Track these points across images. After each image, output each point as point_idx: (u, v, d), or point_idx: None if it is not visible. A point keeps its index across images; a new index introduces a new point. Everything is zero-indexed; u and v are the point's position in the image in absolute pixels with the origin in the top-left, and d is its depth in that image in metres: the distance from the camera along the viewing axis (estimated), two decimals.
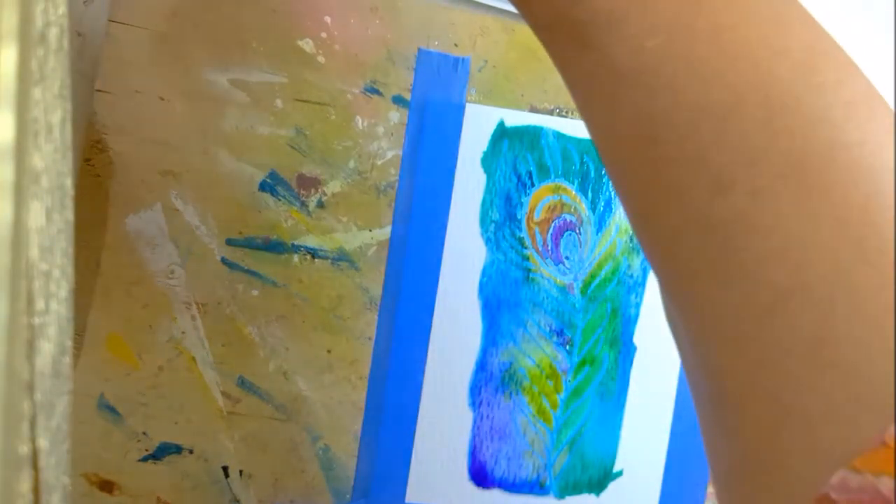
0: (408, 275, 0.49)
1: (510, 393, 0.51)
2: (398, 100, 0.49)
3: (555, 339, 0.51)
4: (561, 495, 0.51)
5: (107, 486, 0.47)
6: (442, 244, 0.50)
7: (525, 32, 0.51)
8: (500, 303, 0.50)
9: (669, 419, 0.52)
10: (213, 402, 0.48)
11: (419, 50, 0.50)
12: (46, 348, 0.29)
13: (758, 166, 0.27)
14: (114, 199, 0.47)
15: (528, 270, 0.51)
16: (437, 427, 0.50)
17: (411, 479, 0.50)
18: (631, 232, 0.52)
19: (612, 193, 0.52)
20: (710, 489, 0.53)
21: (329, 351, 0.49)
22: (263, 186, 0.48)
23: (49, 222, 0.29)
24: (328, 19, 0.49)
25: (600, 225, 0.51)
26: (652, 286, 0.52)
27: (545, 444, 0.51)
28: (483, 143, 0.50)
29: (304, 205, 0.48)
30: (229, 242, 0.48)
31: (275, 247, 0.48)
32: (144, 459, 0.47)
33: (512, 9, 0.51)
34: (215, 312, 0.48)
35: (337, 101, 0.49)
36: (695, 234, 0.28)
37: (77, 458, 0.47)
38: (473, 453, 0.50)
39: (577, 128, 0.51)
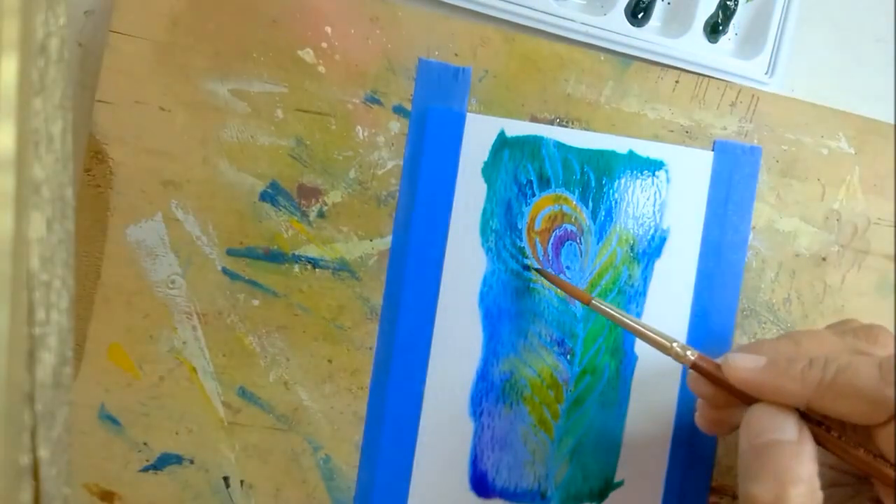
0: (408, 284, 0.49)
1: (511, 403, 0.51)
2: (399, 110, 0.50)
3: (556, 348, 0.51)
4: None
5: (108, 497, 0.47)
6: (442, 254, 0.50)
7: (526, 42, 0.51)
8: (501, 313, 0.50)
9: (670, 429, 0.52)
10: (214, 412, 0.48)
11: (420, 60, 0.50)
12: (47, 358, 0.29)
13: None
14: (114, 210, 0.47)
15: (529, 280, 0.51)
16: (438, 437, 0.50)
17: (412, 489, 0.50)
18: (631, 241, 0.52)
19: (613, 203, 0.52)
20: (711, 499, 0.53)
21: (330, 361, 0.49)
22: (264, 196, 0.48)
23: (49, 233, 0.29)
24: (329, 29, 0.49)
25: (601, 235, 0.51)
26: (652, 295, 0.52)
27: (546, 454, 0.51)
28: (484, 152, 0.50)
29: (304, 215, 0.49)
30: (230, 252, 0.48)
31: (275, 257, 0.48)
32: (145, 470, 0.47)
33: (512, 18, 0.51)
34: (216, 322, 0.48)
35: (337, 110, 0.49)
36: None
37: (78, 469, 0.47)
38: (474, 463, 0.50)
39: (577, 138, 0.51)
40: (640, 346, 0.52)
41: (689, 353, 0.43)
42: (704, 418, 0.45)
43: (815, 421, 0.40)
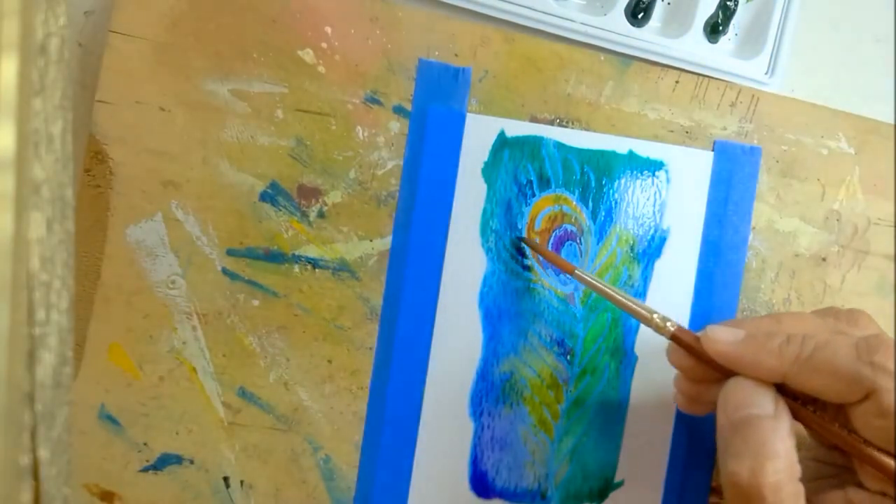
0: (408, 285, 0.49)
1: (511, 403, 0.51)
2: (399, 110, 0.50)
3: (555, 349, 0.51)
4: None
5: (108, 497, 0.47)
6: (442, 254, 0.50)
7: (526, 42, 0.51)
8: (501, 313, 0.50)
9: (670, 429, 0.52)
10: (214, 412, 0.48)
11: (420, 60, 0.50)
12: (47, 359, 0.29)
13: None
14: (114, 210, 0.47)
15: (529, 281, 0.51)
16: (438, 437, 0.50)
17: (412, 489, 0.50)
18: (631, 242, 0.52)
19: (613, 203, 0.52)
20: (711, 499, 0.53)
21: (330, 361, 0.49)
22: (264, 197, 0.48)
23: (49, 233, 0.29)
24: (328, 29, 0.49)
25: (600, 235, 0.51)
26: (652, 295, 0.52)
27: (546, 454, 0.51)
28: (484, 153, 0.50)
29: (304, 215, 0.49)
30: (230, 253, 0.48)
31: (275, 257, 0.48)
32: (145, 470, 0.47)
33: (512, 18, 0.51)
34: (216, 323, 0.48)
35: (337, 111, 0.49)
36: None
37: (78, 469, 0.47)
38: (474, 463, 0.50)
39: (577, 138, 0.51)
40: (641, 347, 0.52)
41: (668, 324, 0.44)
42: (682, 393, 0.46)
43: (792, 396, 0.40)
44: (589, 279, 0.47)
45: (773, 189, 0.54)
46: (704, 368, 0.43)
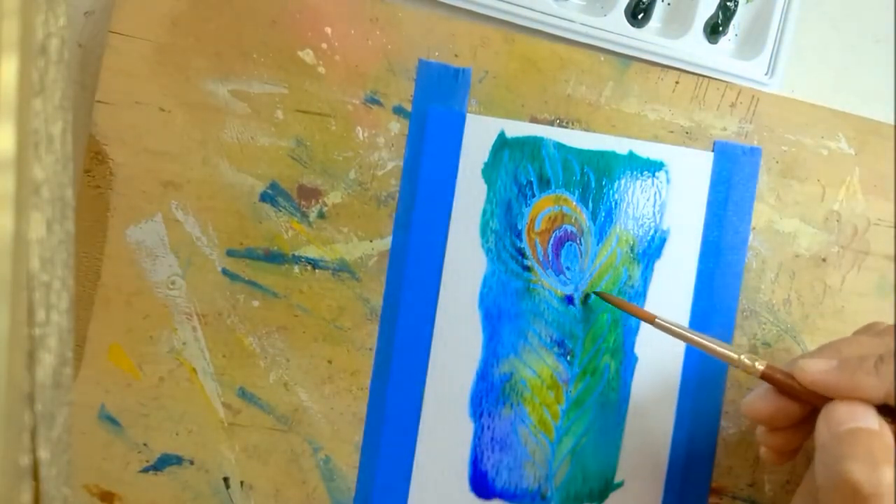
0: (408, 285, 0.49)
1: (511, 404, 0.51)
2: (399, 110, 0.50)
3: (556, 349, 0.51)
4: None
5: (108, 498, 0.47)
6: (442, 255, 0.50)
7: (526, 43, 0.51)
8: (501, 313, 0.50)
9: (670, 429, 0.52)
10: (214, 413, 0.48)
11: (420, 61, 0.50)
12: (47, 359, 0.29)
13: None
14: (114, 210, 0.47)
15: (529, 281, 0.51)
16: (438, 437, 0.50)
17: (412, 490, 0.50)
18: (631, 242, 0.52)
19: (613, 203, 0.52)
20: (711, 499, 0.53)
21: (330, 361, 0.49)
22: (264, 197, 0.48)
23: (49, 233, 0.29)
24: (329, 30, 0.49)
25: (600, 235, 0.51)
26: (652, 296, 0.52)
27: (546, 454, 0.51)
28: (484, 153, 0.50)
29: (304, 215, 0.49)
30: (230, 253, 0.48)
31: (275, 258, 0.48)
32: (145, 471, 0.47)
33: (512, 19, 0.51)
34: (216, 323, 0.48)
35: (337, 111, 0.49)
36: None
37: (78, 470, 0.46)
38: (475, 464, 0.50)
39: (577, 138, 0.51)
40: (641, 347, 0.52)
41: (756, 363, 0.44)
42: (769, 446, 0.46)
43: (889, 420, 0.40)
44: (670, 326, 0.47)
45: (773, 189, 0.54)
46: (786, 412, 0.43)
